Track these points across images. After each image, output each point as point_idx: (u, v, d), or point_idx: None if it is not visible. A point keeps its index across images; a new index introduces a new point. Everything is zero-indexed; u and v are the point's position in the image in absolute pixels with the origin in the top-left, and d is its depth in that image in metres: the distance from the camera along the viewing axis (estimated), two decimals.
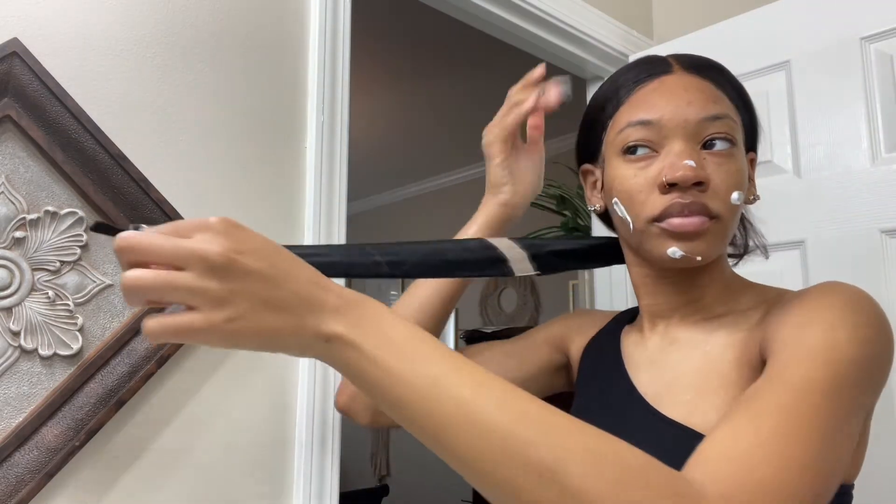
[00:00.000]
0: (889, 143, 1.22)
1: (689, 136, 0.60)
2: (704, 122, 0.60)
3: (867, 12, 1.26)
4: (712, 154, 0.60)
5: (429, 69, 2.86)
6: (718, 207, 0.60)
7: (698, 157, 0.60)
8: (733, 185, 0.60)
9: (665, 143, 0.61)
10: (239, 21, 1.00)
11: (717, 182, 0.60)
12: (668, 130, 0.61)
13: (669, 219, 0.60)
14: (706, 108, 0.61)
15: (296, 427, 1.00)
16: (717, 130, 0.60)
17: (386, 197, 4.93)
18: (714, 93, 0.63)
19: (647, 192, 0.61)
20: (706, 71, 0.64)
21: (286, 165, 1.04)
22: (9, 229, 0.77)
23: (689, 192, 0.59)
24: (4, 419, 0.75)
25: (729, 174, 0.60)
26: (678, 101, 0.61)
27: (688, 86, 0.62)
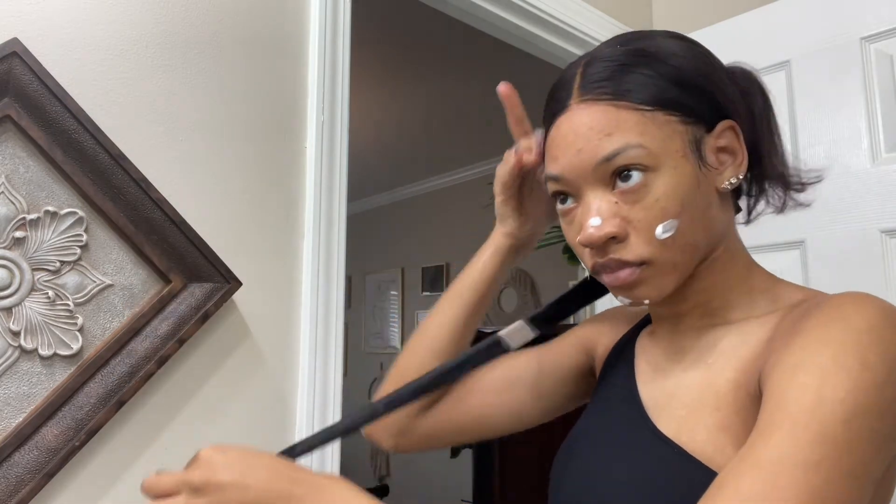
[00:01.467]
0: (889, 143, 1.22)
1: (593, 183, 0.56)
2: (601, 166, 0.55)
3: (867, 12, 1.26)
4: (624, 193, 0.55)
5: (429, 69, 2.86)
6: (642, 253, 0.55)
7: (608, 206, 0.55)
8: (655, 220, 0.55)
9: (577, 194, 0.58)
10: (239, 21, 1.00)
11: (637, 224, 0.55)
12: (573, 183, 0.58)
13: (601, 275, 0.58)
14: (598, 150, 0.55)
15: (296, 427, 1.00)
16: (619, 166, 0.55)
17: (386, 197, 4.93)
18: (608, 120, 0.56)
19: (576, 245, 0.59)
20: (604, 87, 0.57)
21: (286, 165, 1.04)
22: (9, 229, 0.77)
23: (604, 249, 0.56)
24: (4, 419, 0.75)
25: (646, 209, 0.55)
26: (570, 153, 0.57)
27: (577, 127, 0.57)
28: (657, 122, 0.56)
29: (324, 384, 1.03)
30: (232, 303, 0.95)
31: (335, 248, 1.07)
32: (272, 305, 1.00)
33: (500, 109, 0.81)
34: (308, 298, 1.03)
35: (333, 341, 1.05)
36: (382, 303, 4.86)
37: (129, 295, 0.86)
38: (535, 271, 3.82)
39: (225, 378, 0.94)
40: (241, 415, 0.95)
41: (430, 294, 4.48)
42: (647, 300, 0.57)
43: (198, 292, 0.90)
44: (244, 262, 0.97)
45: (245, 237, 0.98)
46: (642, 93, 0.56)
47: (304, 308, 1.03)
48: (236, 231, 0.97)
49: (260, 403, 0.97)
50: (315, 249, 1.04)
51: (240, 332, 0.96)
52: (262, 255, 0.99)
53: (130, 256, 0.86)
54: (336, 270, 1.07)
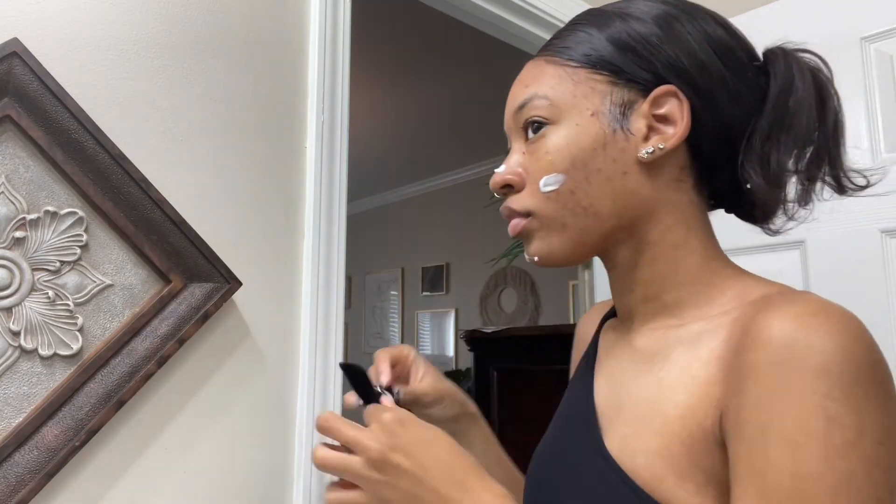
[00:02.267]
0: (889, 143, 1.22)
1: (516, 133, 0.59)
2: (515, 115, 0.58)
3: (867, 12, 1.26)
4: (529, 144, 0.57)
5: (429, 69, 2.86)
6: (527, 203, 0.56)
7: (518, 156, 0.57)
8: (541, 172, 0.54)
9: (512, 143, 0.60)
10: (239, 21, 1.00)
11: (530, 173, 0.56)
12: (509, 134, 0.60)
13: None
14: (515, 100, 0.58)
15: (296, 427, 1.00)
16: (525, 118, 0.56)
17: (386, 197, 4.93)
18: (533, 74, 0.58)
19: None
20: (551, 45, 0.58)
21: (286, 165, 1.04)
22: (9, 229, 0.77)
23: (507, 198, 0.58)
24: (4, 419, 0.75)
25: (537, 162, 0.55)
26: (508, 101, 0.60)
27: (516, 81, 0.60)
28: (576, 79, 0.55)
29: (324, 384, 1.03)
30: (232, 303, 0.95)
31: (335, 248, 1.07)
32: (272, 305, 1.00)
33: (501, 110, 0.81)
34: (308, 298, 1.03)
35: (333, 341, 1.05)
36: (382, 303, 4.86)
37: (129, 295, 0.86)
38: (535, 271, 3.82)
39: (225, 378, 0.94)
40: (241, 414, 0.95)
41: (430, 294, 4.48)
42: (537, 258, 0.57)
43: (198, 292, 0.90)
44: (244, 262, 0.97)
45: (245, 237, 0.98)
46: (575, 50, 0.56)
47: (304, 308, 1.03)
48: (236, 231, 0.97)
49: (260, 403, 0.97)
50: (315, 249, 1.04)
51: (240, 332, 0.96)
52: (263, 255, 1.00)
53: (130, 256, 0.86)
54: (336, 270, 1.07)
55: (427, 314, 4.48)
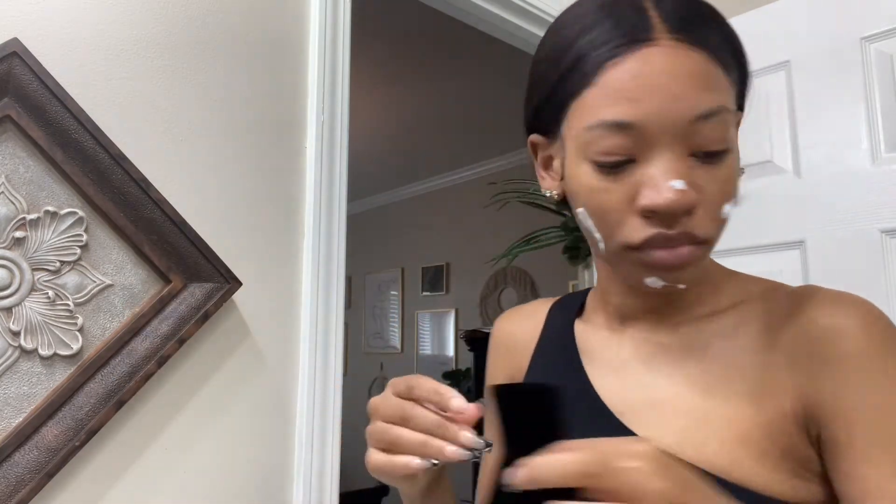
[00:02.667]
0: (889, 143, 1.22)
1: (676, 140, 0.47)
2: (696, 123, 0.47)
3: (867, 12, 1.26)
4: (703, 161, 0.48)
5: (429, 69, 2.86)
6: (707, 231, 0.49)
7: (686, 170, 0.47)
8: (726, 196, 0.49)
9: (646, 149, 0.48)
10: (239, 21, 1.00)
11: (708, 197, 0.48)
12: (649, 136, 0.47)
13: (651, 250, 0.49)
14: (699, 102, 0.47)
15: (296, 427, 1.00)
16: (711, 135, 0.47)
17: (386, 197, 4.93)
18: (708, 70, 0.48)
19: (621, 212, 0.49)
20: (698, 29, 0.48)
21: (286, 165, 1.04)
22: (9, 229, 0.77)
23: (675, 220, 0.48)
24: (4, 419, 0.75)
25: (722, 184, 0.49)
26: (663, 95, 0.46)
27: (676, 68, 0.47)
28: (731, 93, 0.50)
29: (324, 384, 1.03)
30: (232, 303, 0.95)
31: (335, 248, 1.07)
32: (272, 305, 1.00)
33: (501, 109, 0.81)
34: (308, 298, 1.03)
35: (333, 341, 1.05)
36: (382, 303, 4.86)
37: (129, 295, 0.86)
38: (535, 271, 3.82)
39: (225, 378, 0.94)
40: (241, 414, 0.95)
41: (430, 294, 4.48)
42: (683, 286, 0.51)
43: (198, 292, 0.90)
44: (244, 262, 0.97)
45: (245, 237, 0.98)
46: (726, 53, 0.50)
47: (304, 308, 1.03)
48: (236, 231, 0.97)
49: (260, 403, 0.97)
50: (315, 249, 1.04)
51: (240, 332, 0.96)
52: (263, 255, 0.99)
53: (130, 256, 0.86)
54: (336, 270, 1.07)
55: (427, 314, 4.48)
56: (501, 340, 0.72)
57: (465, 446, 0.46)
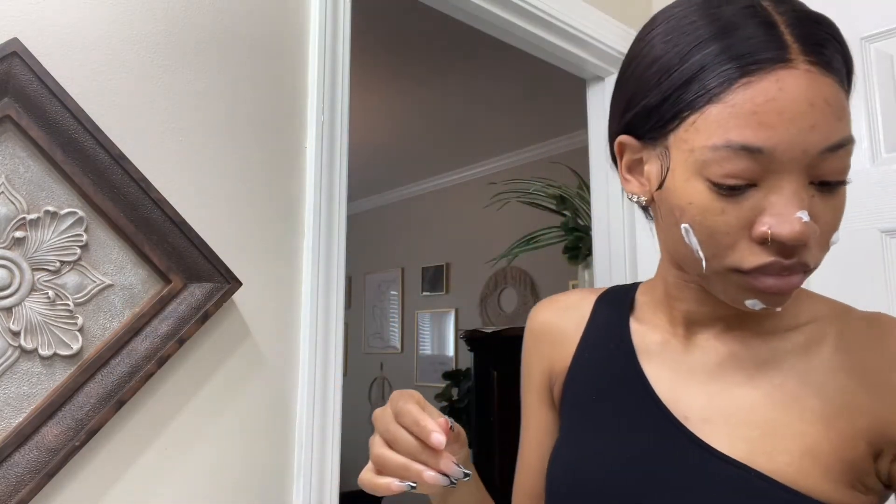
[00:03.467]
0: (889, 143, 1.22)
1: (803, 169, 0.46)
2: (825, 154, 0.45)
3: (867, 12, 1.26)
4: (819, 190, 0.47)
5: (429, 69, 2.86)
6: (817, 260, 0.49)
7: (808, 199, 0.46)
8: (836, 226, 0.49)
9: (771, 176, 0.46)
10: (239, 21, 1.00)
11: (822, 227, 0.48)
12: (777, 163, 0.45)
13: (762, 276, 0.48)
14: (833, 133, 0.45)
15: (296, 427, 1.00)
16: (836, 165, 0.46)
17: (386, 197, 4.93)
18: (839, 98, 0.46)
19: (735, 235, 0.47)
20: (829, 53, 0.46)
21: (286, 165, 1.04)
22: (9, 229, 0.77)
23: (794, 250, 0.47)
24: (4, 419, 0.75)
25: (836, 213, 0.48)
26: (800, 124, 0.44)
27: (813, 95, 0.45)
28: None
29: (324, 384, 1.03)
30: (232, 303, 0.95)
31: (335, 248, 1.07)
32: (272, 305, 1.00)
33: (501, 109, 0.81)
34: (308, 298, 1.03)
35: (333, 341, 1.05)
36: (382, 303, 4.86)
37: (129, 295, 0.86)
38: (535, 271, 3.82)
39: (225, 378, 0.94)
40: (241, 414, 0.95)
41: (430, 294, 4.48)
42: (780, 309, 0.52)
43: (198, 292, 0.90)
44: (244, 262, 0.97)
45: (245, 237, 0.98)
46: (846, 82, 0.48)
47: (304, 308, 1.03)
48: (236, 231, 0.97)
49: (260, 403, 0.97)
50: (315, 249, 1.04)
51: (240, 332, 0.96)
52: (262, 255, 1.00)
53: (130, 256, 0.86)
54: (336, 270, 1.07)
55: (427, 314, 4.48)
56: (541, 330, 0.70)
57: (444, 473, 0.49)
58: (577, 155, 3.44)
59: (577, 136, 3.55)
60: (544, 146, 3.77)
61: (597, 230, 1.73)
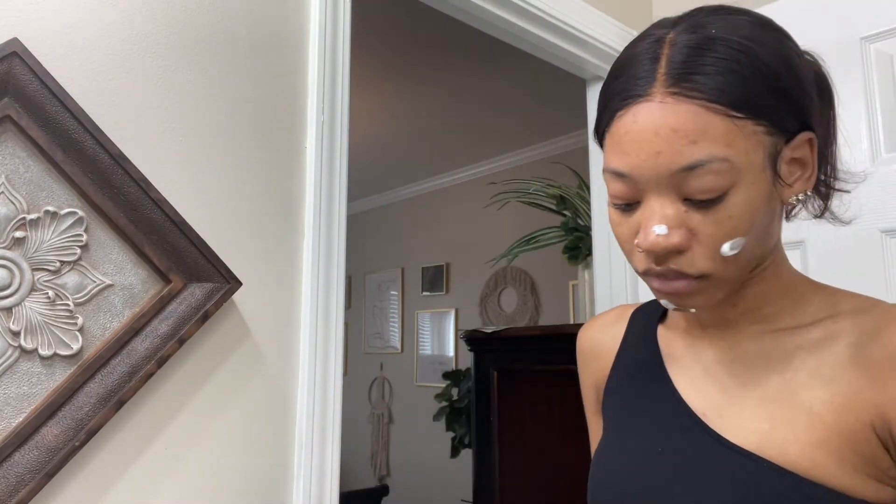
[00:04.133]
0: (889, 143, 1.22)
1: (663, 189, 0.52)
2: (679, 175, 0.51)
3: (867, 12, 1.26)
4: (696, 203, 0.52)
5: (429, 69, 2.86)
6: (703, 267, 0.53)
7: (675, 214, 0.52)
8: (724, 237, 0.52)
9: (642, 195, 0.53)
10: (239, 21, 1.00)
11: (703, 237, 0.52)
12: (641, 184, 0.53)
13: (649, 278, 0.55)
14: (680, 157, 0.50)
15: (296, 427, 1.00)
16: (697, 184, 0.51)
17: (386, 197, 4.93)
18: (698, 122, 0.50)
19: (630, 243, 0.56)
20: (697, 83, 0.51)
21: (286, 165, 1.04)
22: (9, 229, 0.77)
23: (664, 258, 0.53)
24: (4, 419, 0.75)
25: (717, 225, 0.51)
26: (647, 151, 0.51)
27: (659, 124, 0.51)
28: (745, 133, 0.51)
29: (324, 384, 1.03)
30: (232, 303, 0.95)
31: (335, 248, 1.07)
32: (272, 305, 1.00)
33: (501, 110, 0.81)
34: (308, 298, 1.03)
35: (333, 341, 1.05)
36: (382, 303, 4.86)
37: (129, 295, 0.86)
38: (535, 271, 3.82)
39: (225, 378, 0.94)
40: (241, 414, 0.95)
41: (430, 294, 4.48)
42: (694, 310, 0.57)
43: (198, 292, 0.90)
44: (244, 262, 0.97)
45: (245, 237, 0.98)
46: (737, 95, 0.50)
47: (304, 308, 1.03)
48: (236, 231, 0.97)
49: (260, 403, 0.97)
50: (315, 249, 1.04)
51: (240, 332, 0.96)
52: (262, 255, 1.00)
53: (130, 256, 0.86)
54: (336, 270, 1.07)
55: (427, 314, 4.48)
56: (587, 349, 0.76)
57: None
58: (577, 155, 3.44)
59: (577, 136, 3.55)
60: (544, 146, 3.77)
61: (597, 230, 1.73)
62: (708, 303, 0.56)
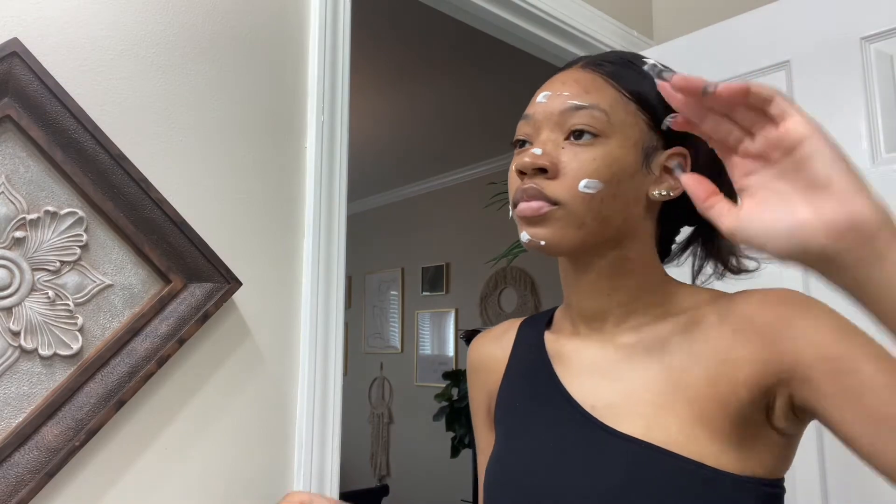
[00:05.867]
0: (889, 143, 1.22)
1: (553, 126, 0.62)
2: (567, 113, 0.62)
3: (867, 12, 1.26)
4: (573, 143, 0.61)
5: (429, 69, 2.86)
6: (559, 193, 0.60)
7: (554, 146, 0.62)
8: (584, 174, 0.60)
9: (537, 134, 0.64)
10: (239, 21, 1.00)
11: (568, 169, 0.60)
12: (538, 122, 0.63)
13: (516, 205, 0.62)
14: (571, 98, 0.62)
15: (296, 427, 1.00)
16: (579, 121, 0.61)
17: (386, 197, 4.93)
18: (593, 84, 0.63)
19: (512, 173, 0.64)
20: (604, 67, 0.65)
21: (286, 165, 1.04)
22: (9, 229, 0.77)
23: (533, 178, 0.61)
24: (4, 419, 0.75)
25: (582, 162, 0.60)
26: (551, 96, 0.64)
27: (567, 79, 0.64)
28: (628, 109, 0.63)
29: (324, 384, 1.03)
30: (232, 303, 0.95)
31: (335, 248, 1.07)
32: (272, 305, 1.00)
33: (501, 109, 0.81)
34: (308, 298, 1.03)
35: (333, 341, 1.05)
36: (382, 303, 4.86)
37: (129, 295, 0.86)
38: (535, 271, 3.82)
39: (225, 378, 0.94)
40: (241, 414, 0.95)
41: (430, 294, 4.48)
42: (545, 242, 0.61)
43: (198, 292, 0.90)
44: (244, 262, 0.97)
45: (245, 237, 0.98)
46: (630, 84, 0.63)
47: (304, 308, 1.03)
48: (236, 231, 0.97)
49: (260, 403, 0.97)
50: (315, 249, 1.04)
51: (240, 332, 0.96)
52: (263, 255, 1.00)
53: (130, 256, 0.86)
54: (336, 270, 1.07)
55: (427, 314, 4.48)
56: (477, 362, 0.80)
57: None
58: None
59: None
60: None
61: None
62: (557, 239, 0.61)
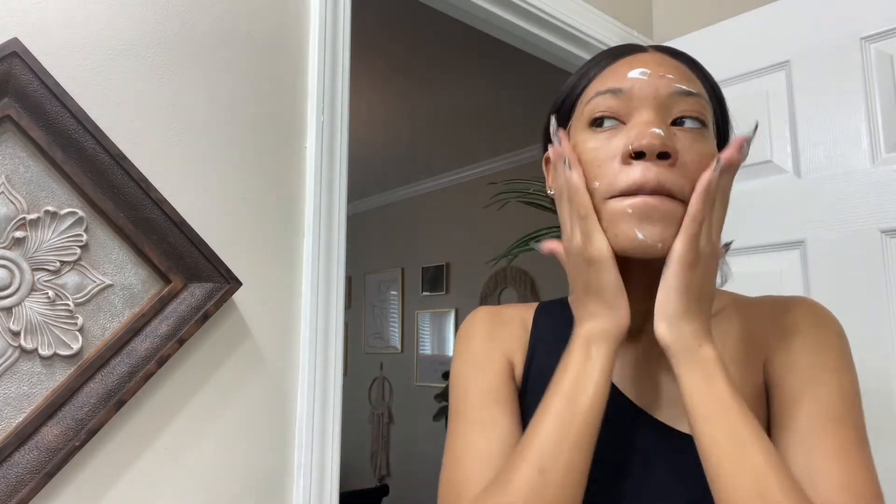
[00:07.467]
0: (889, 143, 1.22)
1: (658, 107, 0.56)
2: (676, 96, 0.56)
3: (867, 12, 1.26)
4: (683, 130, 0.56)
5: (429, 69, 2.86)
6: (684, 188, 0.54)
7: (667, 129, 0.55)
8: (698, 168, 0.54)
9: (633, 115, 0.56)
10: (239, 21, 1.00)
11: (688, 160, 0.54)
12: (637, 100, 0.56)
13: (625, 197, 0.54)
14: (681, 82, 0.57)
15: (296, 427, 1.00)
16: (689, 108, 0.56)
17: (386, 197, 4.93)
18: (688, 73, 0.60)
19: (609, 163, 0.55)
20: (681, 56, 0.62)
21: (286, 165, 1.04)
22: (9, 229, 0.77)
23: (655, 166, 0.53)
24: (4, 419, 0.75)
25: (701, 155, 0.55)
26: (654, 71, 0.57)
27: (662, 61, 0.59)
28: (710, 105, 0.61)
29: (324, 384, 1.03)
30: (232, 303, 0.95)
31: (335, 248, 1.07)
32: (272, 305, 1.00)
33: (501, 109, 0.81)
34: (308, 298, 1.03)
35: (333, 341, 1.05)
36: (382, 303, 4.86)
37: (129, 295, 0.86)
38: (535, 271, 3.82)
39: (225, 378, 0.94)
40: (241, 415, 0.95)
41: (430, 294, 4.47)
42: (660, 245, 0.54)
43: (198, 292, 0.90)
44: (244, 262, 0.97)
45: (245, 237, 0.98)
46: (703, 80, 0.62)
47: (304, 308, 1.03)
48: (236, 231, 0.97)
49: (260, 403, 0.97)
50: (315, 249, 1.04)
51: (240, 332, 0.96)
52: (262, 256, 1.00)
53: (130, 256, 0.86)
54: (336, 270, 1.07)
55: (427, 314, 4.48)
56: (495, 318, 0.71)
57: None
58: None
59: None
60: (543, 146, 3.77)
61: None
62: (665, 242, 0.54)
